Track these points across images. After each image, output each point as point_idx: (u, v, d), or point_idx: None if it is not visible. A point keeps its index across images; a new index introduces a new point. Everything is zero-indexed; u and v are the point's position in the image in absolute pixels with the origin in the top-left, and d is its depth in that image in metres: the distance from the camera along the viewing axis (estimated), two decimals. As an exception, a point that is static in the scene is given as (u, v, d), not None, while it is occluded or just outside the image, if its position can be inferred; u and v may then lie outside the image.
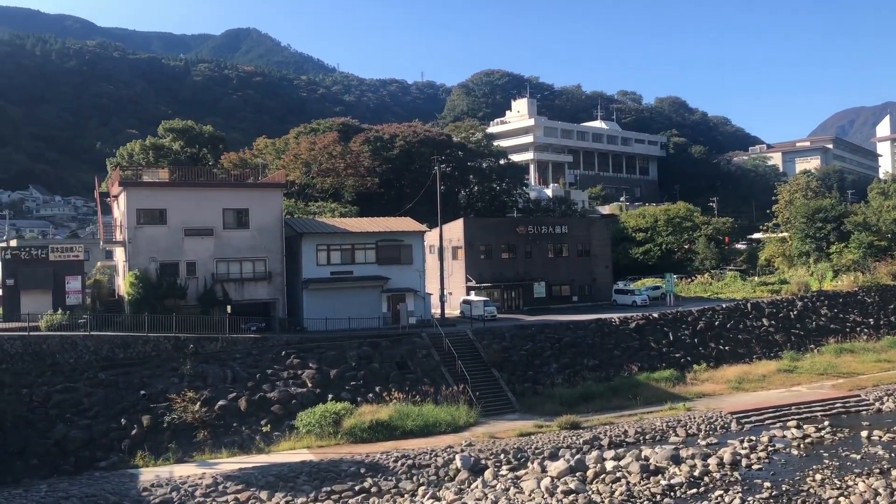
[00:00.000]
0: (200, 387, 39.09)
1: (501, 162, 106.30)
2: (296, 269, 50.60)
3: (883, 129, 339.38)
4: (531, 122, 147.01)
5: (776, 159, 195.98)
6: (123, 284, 46.59)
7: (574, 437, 37.62)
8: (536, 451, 35.57)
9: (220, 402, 38.24)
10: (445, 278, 59.62)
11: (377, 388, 41.64)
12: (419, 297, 53.73)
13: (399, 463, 33.45)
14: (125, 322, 43.15)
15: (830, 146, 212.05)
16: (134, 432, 35.64)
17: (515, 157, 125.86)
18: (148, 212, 46.81)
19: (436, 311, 56.28)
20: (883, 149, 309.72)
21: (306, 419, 37.63)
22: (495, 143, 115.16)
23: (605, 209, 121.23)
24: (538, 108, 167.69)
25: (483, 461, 34.01)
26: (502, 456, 34.78)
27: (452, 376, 44.05)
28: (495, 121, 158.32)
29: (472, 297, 60.54)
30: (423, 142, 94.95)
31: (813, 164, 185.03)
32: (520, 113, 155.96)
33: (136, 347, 41.32)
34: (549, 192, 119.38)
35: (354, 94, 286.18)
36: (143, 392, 38.16)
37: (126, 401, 37.51)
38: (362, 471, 32.67)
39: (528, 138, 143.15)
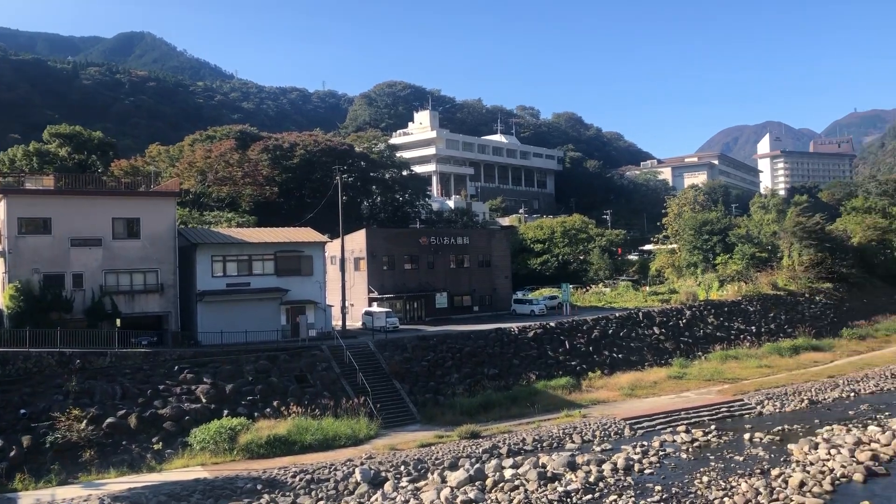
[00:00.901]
0: (87, 404, 37.26)
1: (404, 173, 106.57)
2: (190, 281, 49.02)
3: (763, 146, 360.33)
4: (433, 134, 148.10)
5: (666, 174, 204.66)
6: (3, 297, 43.98)
7: (474, 447, 37.94)
8: (437, 462, 35.66)
9: (109, 420, 36.57)
10: (347, 289, 59.15)
11: (275, 403, 40.79)
12: (320, 308, 53.02)
13: (297, 478, 32.86)
14: (3, 336, 40.66)
15: (716, 162, 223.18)
16: (12, 454, 33.59)
17: (418, 169, 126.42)
18: (31, 221, 44.45)
19: (337, 323, 55.71)
20: (763, 165, 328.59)
21: (200, 435, 36.47)
22: (398, 155, 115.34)
23: (505, 221, 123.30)
24: (440, 121, 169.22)
25: (383, 474, 33.82)
26: (402, 468, 34.69)
27: (353, 389, 43.68)
28: (398, 132, 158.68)
29: (375, 308, 60.26)
30: (325, 151, 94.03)
31: (700, 178, 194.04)
32: (422, 125, 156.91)
33: (15, 364, 38.92)
34: (451, 203, 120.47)
35: (253, 102, 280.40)
36: (22, 411, 36.04)
37: (3, 420, 35.34)
38: (259, 487, 31.90)
39: (431, 150, 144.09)
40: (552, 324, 57.32)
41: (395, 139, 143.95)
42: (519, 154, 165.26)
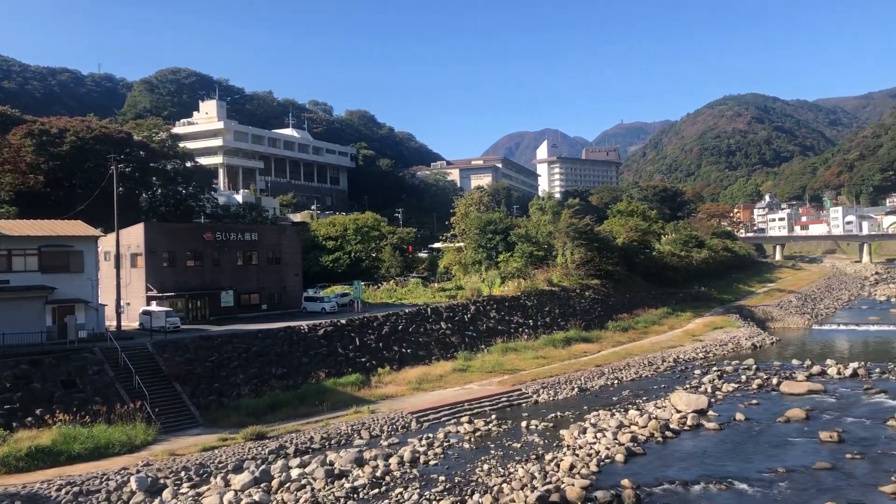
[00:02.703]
0: None
1: (188, 165, 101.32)
2: (-65, 279, 43.50)
3: (542, 152, 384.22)
4: (220, 124, 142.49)
5: (455, 175, 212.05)
6: None
7: (260, 448, 37.07)
8: (220, 466, 34.44)
9: None
10: (123, 287, 55.41)
11: (38, 411, 37.28)
12: (91, 308, 49.11)
13: (64, 491, 30.29)
14: None
15: (500, 165, 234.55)
16: None
17: (204, 161, 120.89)
18: None
19: (112, 323, 51.98)
20: (542, 169, 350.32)
21: (-56, 452, 32.54)
22: (181, 145, 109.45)
23: (297, 217, 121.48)
24: (228, 112, 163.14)
25: (162, 480, 32.09)
26: (183, 473, 33.12)
27: (129, 393, 40.97)
28: (182, 121, 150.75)
29: (154, 307, 56.90)
30: (99, 139, 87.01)
31: (485, 180, 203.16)
32: (208, 115, 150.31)
33: None
34: (239, 197, 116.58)
35: (15, 82, 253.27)
36: None
37: None
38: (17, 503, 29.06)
39: (218, 141, 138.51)
40: (343, 321, 57.33)
41: (179, 129, 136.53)
42: (311, 149, 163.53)
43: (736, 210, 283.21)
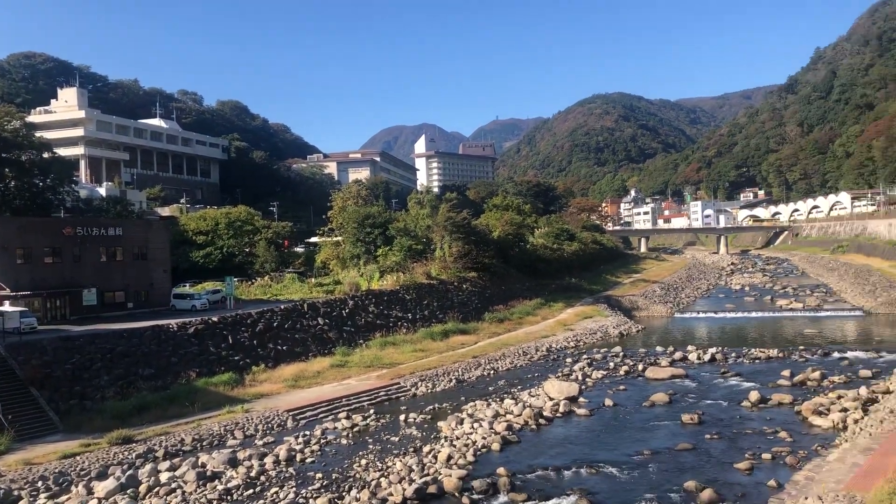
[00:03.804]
0: None
1: (45, 155, 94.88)
2: None
3: (420, 146, 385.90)
4: (82, 114, 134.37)
5: (332, 168, 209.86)
6: None
7: (127, 452, 35.39)
8: (82, 473, 32.63)
9: None
10: (-30, 287, 51.32)
11: None
12: (-67, 309, 45.30)
13: None
14: None
15: (378, 159, 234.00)
16: None
17: (63, 152, 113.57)
18: None
19: (-43, 325, 48.10)
20: (420, 164, 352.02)
21: None
22: (38, 135, 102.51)
23: (165, 211, 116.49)
24: (90, 100, 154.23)
25: (16, 492, 30.06)
26: (40, 483, 31.15)
27: (-22, 400, 38.06)
28: (38, 109, 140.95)
29: (7, 307, 53.02)
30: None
31: (363, 174, 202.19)
32: (68, 103, 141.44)
33: None
34: (102, 190, 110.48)
35: None
36: None
37: None
38: None
39: (79, 131, 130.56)
40: (215, 318, 55.46)
41: (35, 117, 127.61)
42: (181, 140, 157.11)
43: (604, 204, 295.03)
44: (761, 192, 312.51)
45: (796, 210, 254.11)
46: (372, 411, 44.91)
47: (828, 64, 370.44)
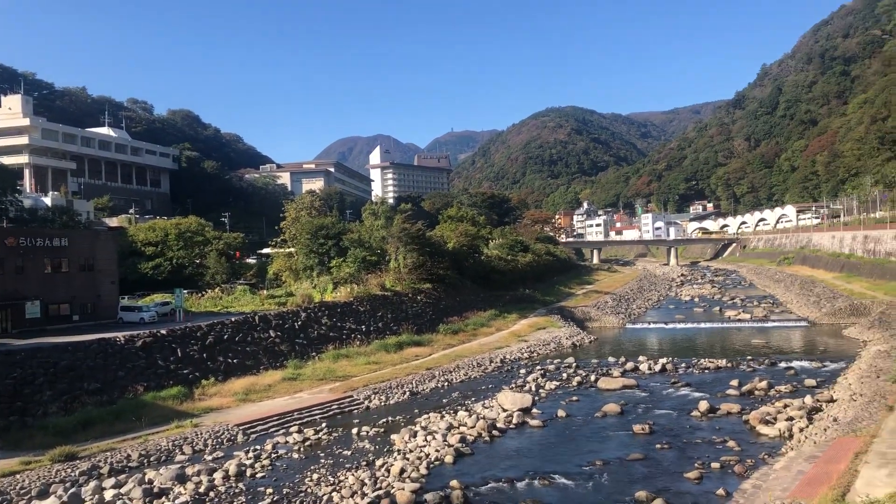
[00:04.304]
0: None
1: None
2: None
3: (375, 157, 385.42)
4: (26, 121, 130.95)
5: (285, 178, 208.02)
6: None
7: (70, 470, 34.34)
8: (22, 492, 31.57)
9: None
10: None
11: None
12: None
13: None
14: None
15: (332, 170, 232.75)
16: None
17: (7, 160, 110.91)
18: None
19: None
20: (375, 175, 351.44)
21: None
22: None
23: (114, 221, 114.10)
24: (36, 108, 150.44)
25: (-49, 514, 28.95)
26: (-22, 504, 30.06)
27: (-88, 417, 36.62)
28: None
29: (-56, 320, 51.29)
30: None
31: (317, 185, 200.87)
32: (11, 111, 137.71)
33: None
34: (48, 200, 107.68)
35: None
36: None
37: None
38: None
39: (23, 139, 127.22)
40: (163, 331, 54.32)
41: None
42: (130, 150, 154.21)
43: (557, 216, 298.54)
44: (710, 205, 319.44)
45: (744, 222, 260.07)
46: (324, 425, 44.41)
47: (773, 80, 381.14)
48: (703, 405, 45.63)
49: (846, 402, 43.00)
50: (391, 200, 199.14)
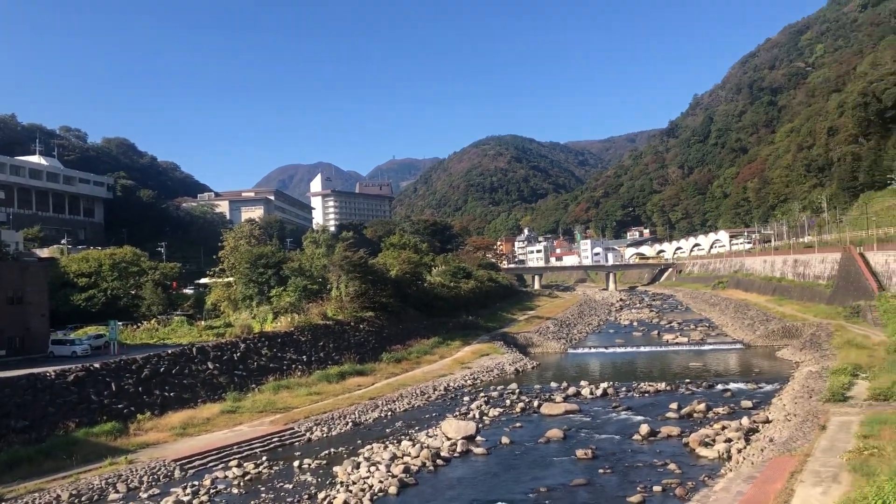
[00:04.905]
0: None
1: None
2: None
3: (316, 185, 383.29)
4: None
5: (224, 207, 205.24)
6: None
7: (-5, 514, 32.83)
8: (-57, 539, 29.99)
9: None
10: None
11: None
12: None
13: None
14: None
15: (272, 198, 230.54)
16: None
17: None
18: None
19: None
20: (316, 203, 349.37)
21: None
22: None
23: (44, 252, 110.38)
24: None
25: None
26: None
27: None
28: None
29: None
30: None
31: (257, 213, 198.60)
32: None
33: None
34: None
35: None
36: None
37: None
38: None
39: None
40: (97, 365, 52.57)
41: None
42: (62, 179, 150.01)
43: (499, 243, 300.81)
44: (647, 231, 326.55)
45: (679, 248, 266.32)
46: (265, 458, 43.49)
47: (705, 110, 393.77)
48: (644, 429, 46.23)
49: (781, 422, 44.12)
50: (332, 228, 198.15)
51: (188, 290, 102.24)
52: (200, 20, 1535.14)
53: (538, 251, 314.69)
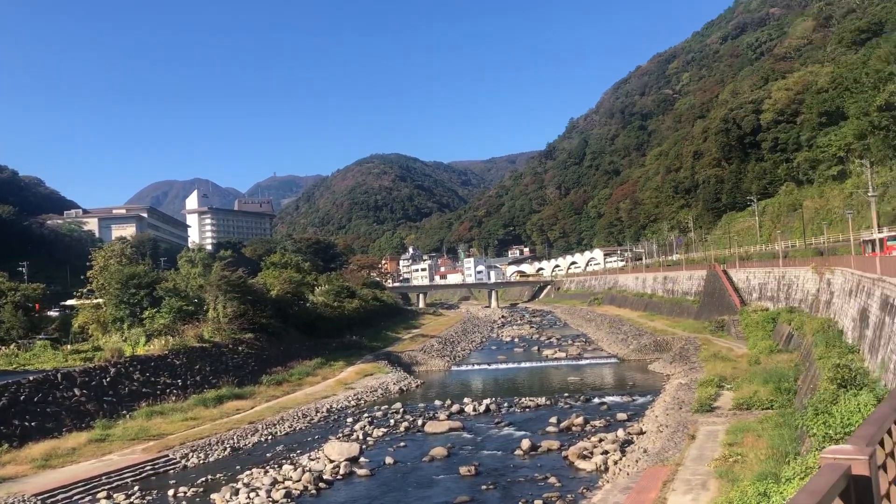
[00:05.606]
0: None
1: None
2: None
3: (192, 202, 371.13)
4: None
5: (93, 224, 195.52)
6: None
7: None
8: None
9: None
10: None
11: None
12: None
13: None
14: None
15: (145, 215, 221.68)
16: None
17: None
18: None
19: None
20: (192, 220, 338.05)
21: None
22: None
23: None
24: None
25: None
26: None
27: None
28: None
29: None
30: None
31: (129, 231, 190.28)
32: None
33: None
34: None
35: None
36: None
37: None
38: None
39: None
40: (-54, 395, 48.63)
41: None
42: None
43: (384, 261, 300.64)
44: (527, 249, 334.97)
45: (557, 266, 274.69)
46: (137, 488, 41.33)
47: (580, 133, 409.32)
48: (526, 443, 47.05)
49: (654, 433, 45.96)
50: (210, 247, 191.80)
51: (53, 313, 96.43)
52: (67, 9, 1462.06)
53: (423, 269, 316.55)
